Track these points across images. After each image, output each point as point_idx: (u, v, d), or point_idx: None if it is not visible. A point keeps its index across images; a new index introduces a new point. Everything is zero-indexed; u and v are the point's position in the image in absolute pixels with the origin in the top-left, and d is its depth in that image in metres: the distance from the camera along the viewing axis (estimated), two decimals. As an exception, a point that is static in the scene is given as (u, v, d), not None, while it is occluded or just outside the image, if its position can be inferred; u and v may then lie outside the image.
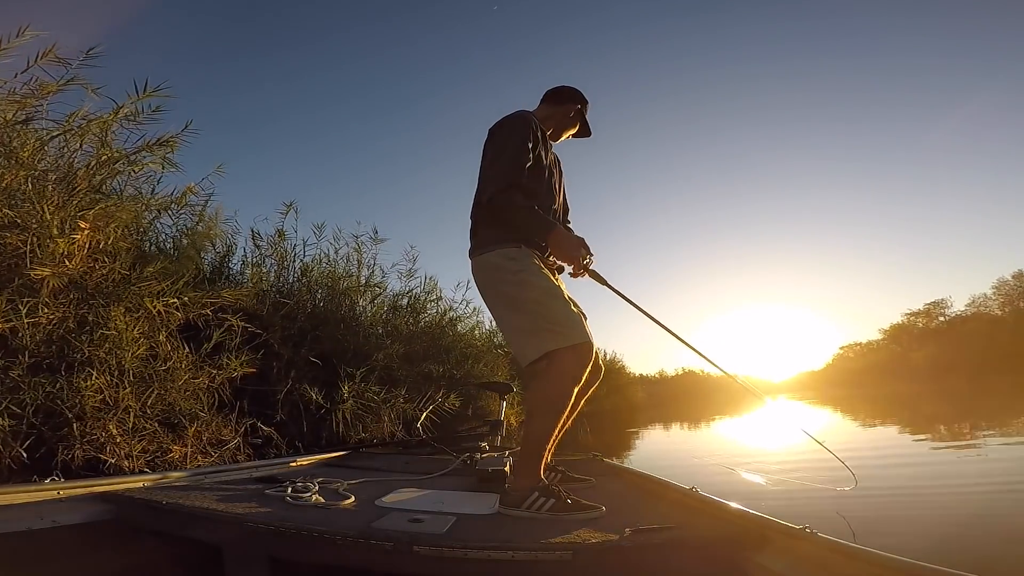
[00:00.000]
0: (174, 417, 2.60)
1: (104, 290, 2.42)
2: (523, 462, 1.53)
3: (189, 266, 3.24)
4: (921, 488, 2.78)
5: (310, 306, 4.55)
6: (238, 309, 3.31)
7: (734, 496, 1.55)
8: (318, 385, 3.77)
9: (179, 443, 2.55)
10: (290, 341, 3.90)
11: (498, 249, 1.64)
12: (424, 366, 5.09)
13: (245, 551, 1.15)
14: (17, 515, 1.15)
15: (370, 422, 4.04)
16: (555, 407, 1.50)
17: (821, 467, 3.25)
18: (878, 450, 4.40)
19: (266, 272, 4.38)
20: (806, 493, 2.69)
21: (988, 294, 36.59)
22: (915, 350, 35.15)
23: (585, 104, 1.96)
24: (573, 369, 1.50)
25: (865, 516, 2.19)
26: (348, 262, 5.08)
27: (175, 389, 2.61)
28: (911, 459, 3.77)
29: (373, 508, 1.45)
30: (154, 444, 2.41)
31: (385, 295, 5.49)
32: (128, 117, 2.67)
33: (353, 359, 4.23)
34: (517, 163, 1.63)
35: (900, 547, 1.12)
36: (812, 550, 0.98)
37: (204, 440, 2.72)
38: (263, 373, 3.56)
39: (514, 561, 1.05)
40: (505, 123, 1.73)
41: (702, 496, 1.48)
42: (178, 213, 3.55)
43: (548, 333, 1.51)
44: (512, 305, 1.61)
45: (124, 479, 1.53)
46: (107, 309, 2.36)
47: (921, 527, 2.07)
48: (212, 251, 4.18)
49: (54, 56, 2.39)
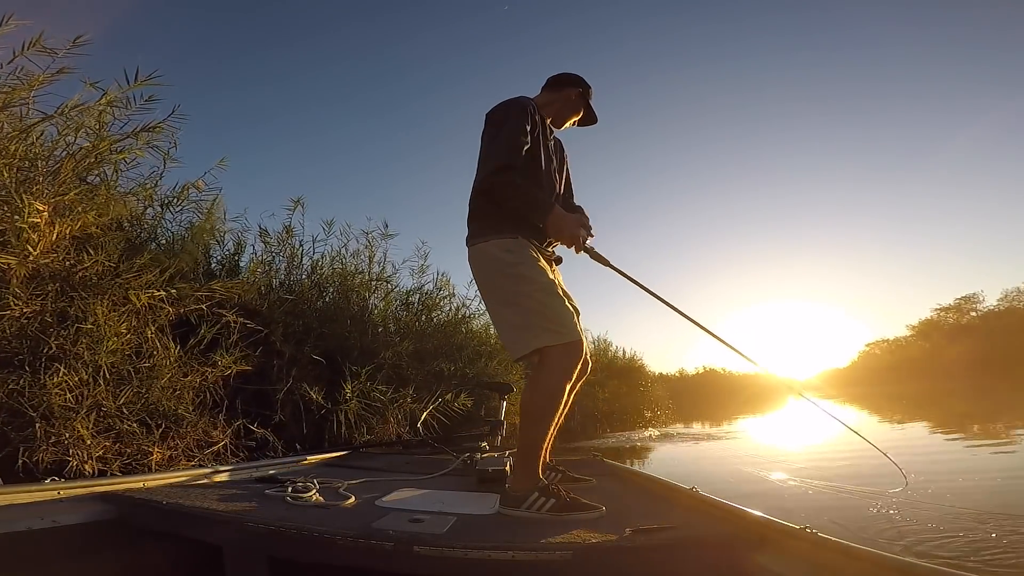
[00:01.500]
0: (157, 418, 2.47)
1: (87, 283, 2.33)
2: (521, 462, 1.54)
3: (188, 260, 3.18)
4: (973, 489, 2.66)
5: (319, 303, 4.46)
6: (237, 305, 3.22)
7: (783, 502, 1.49)
8: (321, 384, 3.67)
9: (162, 445, 2.42)
10: (293, 338, 3.79)
11: (495, 239, 1.62)
12: (435, 364, 4.95)
13: (245, 551, 1.15)
14: (17, 515, 1.15)
15: (375, 423, 3.90)
16: (549, 405, 1.51)
17: (864, 467, 3.19)
18: (921, 449, 4.29)
19: (276, 269, 4.33)
20: (854, 496, 2.57)
21: (1022, 288, 34.30)
22: (946, 346, 32.96)
23: (587, 89, 1.92)
24: (566, 366, 1.50)
25: (923, 520, 2.09)
26: (358, 257, 5.01)
27: (158, 388, 2.48)
28: (956, 458, 3.68)
29: (373, 508, 1.45)
30: (132, 446, 2.27)
31: (396, 291, 5.40)
32: (115, 103, 2.62)
33: (360, 357, 4.12)
34: (514, 145, 1.61)
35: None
36: (812, 550, 0.98)
37: (190, 442, 2.59)
38: (263, 371, 3.47)
39: (514, 561, 1.05)
40: (501, 107, 1.71)
41: (702, 496, 1.48)
42: (179, 208, 3.53)
43: (541, 330, 1.51)
44: (506, 299, 1.60)
45: (125, 479, 1.53)
46: (89, 302, 2.26)
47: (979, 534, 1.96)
48: (220, 248, 4.14)
49: (41, 46, 2.36)
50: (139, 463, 2.28)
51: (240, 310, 3.22)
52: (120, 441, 2.25)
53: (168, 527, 1.26)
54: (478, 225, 1.68)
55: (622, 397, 12.02)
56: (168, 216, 3.54)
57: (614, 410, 11.07)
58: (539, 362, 1.52)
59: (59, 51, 2.42)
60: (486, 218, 1.66)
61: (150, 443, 2.36)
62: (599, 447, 5.41)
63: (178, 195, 3.46)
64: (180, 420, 2.56)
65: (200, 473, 1.78)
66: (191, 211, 3.63)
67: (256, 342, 3.31)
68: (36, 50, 2.37)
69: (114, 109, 2.66)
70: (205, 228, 3.74)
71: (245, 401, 3.32)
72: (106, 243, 2.48)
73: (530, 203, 1.61)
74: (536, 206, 1.60)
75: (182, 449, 2.54)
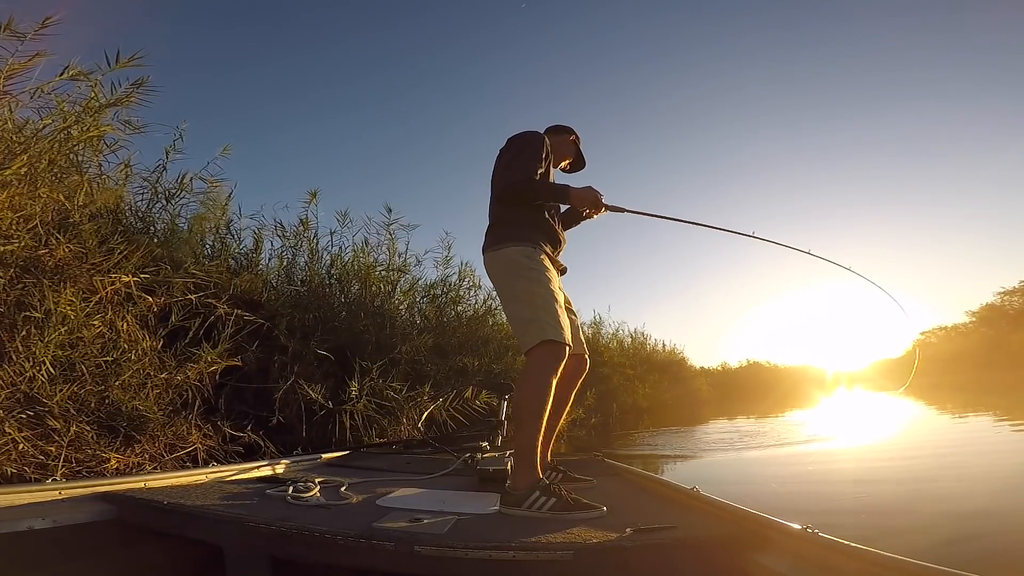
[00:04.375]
0: (121, 420, 2.24)
1: (53, 269, 2.17)
2: (520, 461, 1.55)
3: (185, 251, 3.08)
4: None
5: (342, 298, 4.33)
6: (232, 294, 3.04)
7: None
8: (328, 382, 3.45)
9: (127, 451, 2.18)
10: (299, 332, 3.59)
11: (516, 246, 1.80)
12: (458, 359, 4.75)
13: (246, 551, 1.15)
14: (18, 515, 1.15)
15: (387, 425, 3.62)
16: (540, 401, 1.59)
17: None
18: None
19: (295, 265, 4.26)
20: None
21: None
22: (1009, 334, 29.73)
23: (578, 137, 2.22)
24: (551, 364, 1.64)
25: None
26: (378, 249, 4.88)
27: (119, 385, 2.25)
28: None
29: (374, 508, 1.45)
30: (83, 452, 2.04)
31: (419, 283, 5.26)
32: (79, 78, 2.50)
33: (374, 352, 3.89)
34: (531, 168, 1.87)
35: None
36: (812, 550, 0.98)
37: (161, 447, 2.35)
38: (264, 368, 3.30)
39: (515, 561, 1.05)
40: (523, 135, 1.98)
41: (703, 496, 1.48)
42: (180, 200, 3.49)
43: (546, 324, 1.66)
44: (517, 296, 1.75)
45: (125, 479, 1.53)
46: (52, 291, 2.10)
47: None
48: (237, 243, 4.05)
49: (11, 31, 2.27)
50: (92, 471, 2.06)
51: (238, 301, 3.05)
52: (72, 446, 2.02)
53: (169, 527, 1.26)
54: (499, 233, 1.85)
55: (663, 392, 11.96)
56: (172, 208, 3.47)
57: (653, 405, 10.97)
58: (527, 361, 1.67)
59: (27, 34, 2.31)
60: (507, 227, 1.84)
61: (107, 448, 2.12)
62: (630, 455, 5.08)
63: (180, 185, 3.40)
64: (145, 423, 2.31)
65: (201, 473, 1.78)
66: (196, 203, 3.57)
67: (257, 336, 3.13)
68: (7, 35, 2.27)
69: (96, 92, 2.54)
70: (206, 218, 3.65)
71: (243, 401, 3.17)
72: (84, 230, 2.34)
73: (553, 191, 1.92)
74: (558, 191, 1.91)
75: (150, 455, 2.30)
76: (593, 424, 7.85)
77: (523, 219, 1.85)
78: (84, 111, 2.58)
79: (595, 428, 7.81)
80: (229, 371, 3.06)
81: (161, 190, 3.39)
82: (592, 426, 7.79)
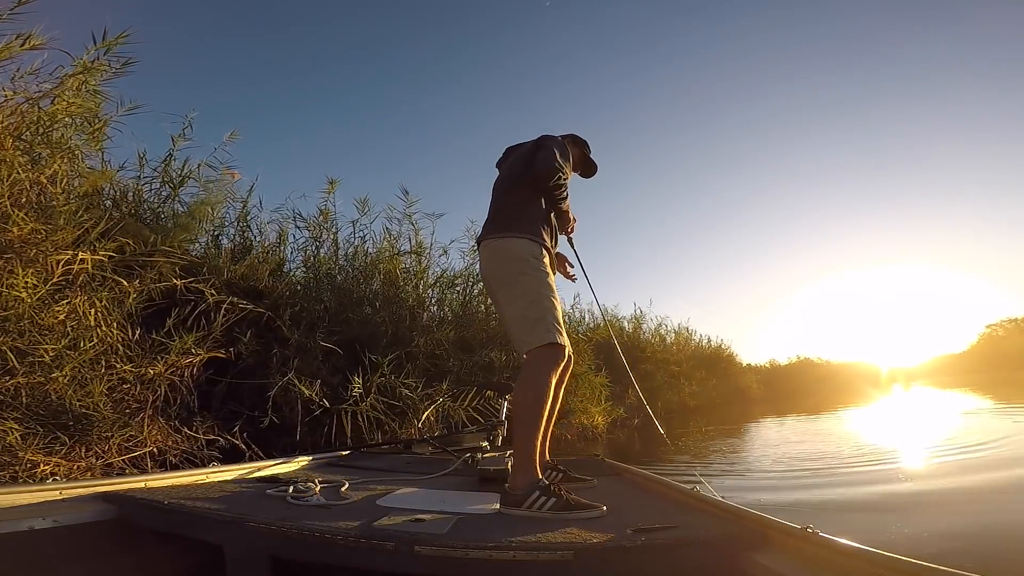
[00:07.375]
0: (64, 418, 1.98)
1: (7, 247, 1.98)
2: (519, 460, 1.55)
3: (181, 235, 2.93)
4: None
5: (367, 291, 4.19)
6: (229, 281, 2.87)
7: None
8: (337, 378, 3.23)
9: (66, 455, 1.91)
10: (304, 323, 3.36)
11: (524, 239, 1.77)
12: (484, 353, 4.44)
13: (246, 551, 1.15)
14: (18, 515, 1.15)
15: (396, 428, 3.34)
16: (540, 400, 1.60)
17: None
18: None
19: (320, 259, 4.20)
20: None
21: None
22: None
23: (589, 148, 2.25)
24: (552, 365, 1.65)
25: None
26: (400, 239, 4.75)
27: (60, 379, 1.97)
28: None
29: (374, 508, 1.45)
30: (7, 455, 1.79)
31: (445, 274, 5.09)
32: (40, 47, 2.34)
33: (389, 345, 3.66)
34: (565, 161, 1.88)
35: None
36: (812, 550, 0.98)
37: (112, 449, 2.08)
38: (264, 362, 3.10)
39: (515, 561, 1.05)
40: (555, 137, 1.99)
41: (703, 496, 1.48)
42: (187, 187, 3.38)
43: (552, 327, 1.67)
44: (525, 293, 1.73)
45: (126, 479, 1.53)
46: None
47: None
48: (259, 237, 3.97)
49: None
50: (14, 477, 1.81)
51: (235, 288, 2.88)
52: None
53: (169, 527, 1.26)
54: (508, 219, 1.83)
55: (710, 390, 11.52)
56: (182, 196, 3.37)
57: (702, 404, 10.47)
58: (528, 360, 1.67)
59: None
60: (521, 216, 1.82)
61: (36, 452, 1.85)
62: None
63: (183, 172, 3.34)
64: (93, 422, 2.05)
65: (202, 473, 1.78)
66: (205, 190, 3.46)
67: (256, 327, 2.93)
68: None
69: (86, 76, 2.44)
70: (209, 203, 3.48)
71: (239, 399, 3.02)
72: (60, 211, 2.17)
73: (565, 197, 1.96)
74: (565, 196, 1.97)
75: (97, 461, 2.02)
76: (636, 425, 7.16)
77: (537, 215, 1.84)
78: (61, 87, 2.44)
79: (638, 430, 7.04)
80: (224, 366, 2.89)
81: (167, 179, 3.33)
82: (635, 427, 7.14)
